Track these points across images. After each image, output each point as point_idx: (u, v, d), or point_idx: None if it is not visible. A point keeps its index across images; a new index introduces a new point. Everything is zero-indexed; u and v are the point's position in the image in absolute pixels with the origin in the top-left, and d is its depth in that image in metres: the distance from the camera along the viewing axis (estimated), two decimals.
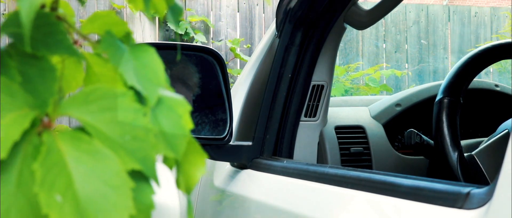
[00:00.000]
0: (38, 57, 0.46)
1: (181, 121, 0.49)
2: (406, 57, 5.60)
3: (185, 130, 0.49)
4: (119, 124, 0.45)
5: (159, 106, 0.49)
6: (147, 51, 0.50)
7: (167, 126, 0.48)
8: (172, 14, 0.53)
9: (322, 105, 1.49)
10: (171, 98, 0.49)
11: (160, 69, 0.49)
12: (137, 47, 0.50)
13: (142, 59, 0.49)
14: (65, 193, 0.42)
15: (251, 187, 1.34)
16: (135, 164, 0.45)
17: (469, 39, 5.77)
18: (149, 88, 0.48)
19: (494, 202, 0.67)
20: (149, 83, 0.48)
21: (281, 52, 1.44)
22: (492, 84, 1.86)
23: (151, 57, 0.50)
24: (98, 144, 0.44)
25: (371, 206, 0.91)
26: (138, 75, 0.48)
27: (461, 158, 1.36)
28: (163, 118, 0.48)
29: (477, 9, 5.88)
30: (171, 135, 0.48)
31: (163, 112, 0.48)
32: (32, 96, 0.45)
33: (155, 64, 0.49)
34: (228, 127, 1.33)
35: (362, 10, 1.45)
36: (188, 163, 0.52)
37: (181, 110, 0.49)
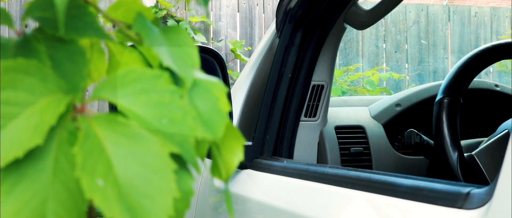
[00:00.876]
0: (66, 41, 0.45)
1: (218, 103, 0.47)
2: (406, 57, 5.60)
3: (223, 113, 0.47)
4: (155, 106, 0.43)
5: (195, 88, 0.47)
6: (180, 33, 0.49)
7: (204, 109, 0.47)
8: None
9: (322, 105, 1.49)
10: (206, 80, 0.48)
11: (194, 51, 0.48)
12: (169, 29, 0.49)
13: (175, 41, 0.48)
14: (106, 178, 0.40)
15: (251, 187, 1.34)
16: (174, 147, 0.43)
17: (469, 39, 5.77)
18: (184, 70, 0.47)
19: (494, 202, 0.67)
20: (184, 64, 0.47)
21: (281, 52, 1.44)
22: (492, 84, 1.86)
23: (184, 39, 0.48)
24: (136, 126, 0.42)
25: (371, 206, 0.91)
26: (173, 56, 0.47)
27: (461, 158, 1.36)
28: (200, 100, 0.47)
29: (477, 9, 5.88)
30: (209, 117, 0.47)
31: (199, 94, 0.47)
32: (64, 81, 0.43)
33: (188, 46, 0.48)
34: None
35: (362, 10, 1.45)
36: (226, 149, 0.50)
37: (218, 92, 0.47)
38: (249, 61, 1.56)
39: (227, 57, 4.66)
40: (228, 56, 4.67)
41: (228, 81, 1.35)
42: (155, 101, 0.43)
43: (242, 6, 4.78)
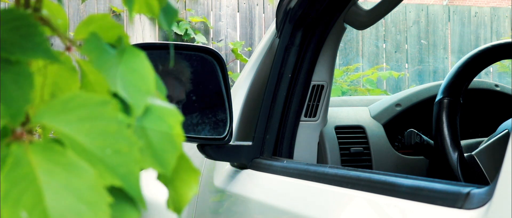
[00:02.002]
0: (13, 62, 0.42)
1: (171, 133, 0.44)
2: (406, 57, 5.60)
3: (176, 143, 0.44)
4: (100, 135, 0.41)
5: (147, 116, 0.44)
6: (137, 55, 0.45)
7: (155, 139, 0.44)
8: (165, 15, 0.49)
9: (322, 106, 1.49)
10: (161, 107, 0.45)
11: (150, 76, 0.45)
12: (126, 51, 0.46)
13: (130, 64, 0.45)
14: (33, 209, 0.38)
15: (251, 187, 1.34)
16: (116, 180, 0.40)
17: (469, 39, 5.77)
18: (135, 96, 0.44)
19: (494, 202, 0.67)
20: (136, 90, 0.44)
21: (281, 52, 1.44)
22: (492, 84, 1.86)
23: (141, 63, 0.45)
24: (73, 156, 0.40)
25: (371, 206, 0.91)
26: (125, 81, 0.44)
27: (461, 158, 1.36)
28: (152, 130, 0.44)
29: (477, 9, 5.88)
30: (160, 148, 0.44)
31: (151, 123, 0.44)
32: (4, 105, 0.40)
33: (144, 70, 0.45)
34: (228, 127, 1.33)
35: (362, 10, 1.45)
36: (179, 180, 0.47)
37: (172, 121, 0.44)
38: (249, 61, 1.56)
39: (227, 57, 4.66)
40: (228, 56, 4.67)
41: (228, 81, 1.35)
42: (99, 130, 0.41)
43: (242, 6, 4.78)
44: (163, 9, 0.49)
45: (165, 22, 0.49)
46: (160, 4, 0.48)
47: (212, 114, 1.35)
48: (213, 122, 1.35)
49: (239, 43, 4.57)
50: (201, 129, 1.35)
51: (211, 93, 1.36)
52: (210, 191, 1.55)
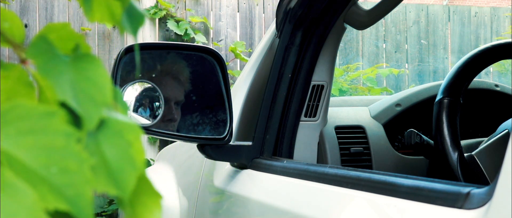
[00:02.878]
0: None
1: (130, 150, 0.39)
2: (406, 57, 5.60)
3: (135, 162, 0.39)
4: (44, 151, 0.36)
5: (103, 131, 0.39)
6: (93, 63, 0.41)
7: (111, 156, 0.39)
8: (129, 20, 0.44)
9: (322, 105, 1.49)
10: (119, 121, 0.40)
11: (106, 85, 0.40)
12: (81, 58, 0.41)
13: (84, 72, 0.40)
14: None
15: (251, 187, 1.34)
16: (62, 203, 0.35)
17: (469, 39, 5.77)
18: (88, 107, 0.39)
19: (494, 202, 0.67)
20: (90, 100, 0.39)
21: (281, 52, 1.43)
22: (492, 84, 1.86)
23: (97, 70, 0.40)
24: (9, 175, 0.35)
25: (371, 206, 0.91)
26: (77, 90, 0.39)
27: (461, 158, 1.36)
28: (108, 146, 0.39)
29: (477, 9, 5.88)
30: (116, 167, 0.39)
31: (108, 138, 0.39)
32: None
33: (101, 79, 0.40)
34: (228, 127, 1.33)
35: (362, 10, 1.45)
36: (139, 205, 0.41)
37: (131, 136, 0.39)
38: (249, 61, 1.56)
39: (227, 57, 4.66)
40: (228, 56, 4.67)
41: (228, 81, 1.35)
42: (43, 145, 0.36)
43: (242, 6, 4.78)
44: (126, 12, 0.44)
45: (130, 28, 0.44)
46: (122, 7, 0.43)
47: (212, 114, 1.35)
48: (213, 122, 1.35)
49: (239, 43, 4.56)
50: (201, 129, 1.35)
51: (211, 93, 1.36)
52: (210, 191, 1.55)
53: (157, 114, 1.32)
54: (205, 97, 1.37)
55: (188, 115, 1.34)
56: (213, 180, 1.52)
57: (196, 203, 1.62)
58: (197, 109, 1.36)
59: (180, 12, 4.58)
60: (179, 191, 1.84)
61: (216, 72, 1.35)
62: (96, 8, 0.42)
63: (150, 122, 1.31)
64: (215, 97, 1.35)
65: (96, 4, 0.42)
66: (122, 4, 0.43)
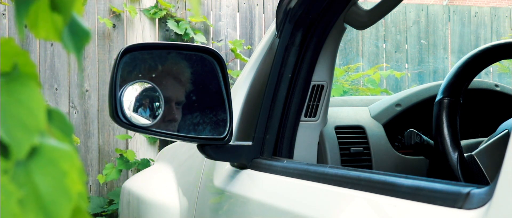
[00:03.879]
0: None
1: (65, 180, 0.36)
2: (406, 57, 5.60)
3: (70, 193, 0.36)
4: None
5: (35, 159, 0.36)
6: (27, 84, 0.37)
7: (44, 187, 0.36)
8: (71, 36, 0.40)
9: (322, 105, 1.49)
10: (53, 148, 0.37)
11: (40, 109, 0.37)
12: (16, 80, 0.37)
13: (16, 95, 0.37)
14: None
15: (251, 187, 1.34)
16: None
17: (469, 39, 5.77)
18: (18, 134, 0.36)
19: (494, 202, 0.67)
20: (21, 127, 0.36)
21: (281, 52, 1.44)
22: (492, 84, 1.86)
23: (31, 93, 0.37)
24: None
25: (371, 206, 0.91)
26: (6, 115, 0.36)
27: (461, 158, 1.35)
28: (40, 176, 0.36)
29: (477, 9, 5.88)
30: (49, 200, 0.36)
31: (40, 168, 0.36)
32: None
33: (34, 103, 0.37)
34: (228, 127, 1.33)
35: (362, 10, 1.45)
36: None
37: (67, 165, 0.37)
38: (249, 61, 1.56)
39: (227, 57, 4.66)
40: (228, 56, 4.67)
41: (228, 81, 1.35)
42: None
43: (242, 6, 4.78)
44: (69, 28, 0.40)
45: (72, 46, 0.40)
46: (64, 22, 0.40)
47: (212, 114, 1.35)
48: (213, 122, 1.35)
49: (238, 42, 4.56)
50: (201, 129, 1.35)
51: (211, 93, 1.36)
52: (210, 191, 1.55)
53: (157, 114, 1.32)
54: (205, 97, 1.37)
55: (188, 115, 1.34)
56: (213, 180, 1.52)
57: (196, 203, 1.62)
58: (197, 108, 1.36)
59: (180, 12, 4.58)
60: (179, 191, 1.84)
61: (216, 72, 1.35)
62: (41, 24, 0.40)
63: (150, 122, 1.31)
64: (215, 97, 1.35)
65: (41, 20, 0.40)
66: (64, 19, 0.40)
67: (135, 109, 1.31)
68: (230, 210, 1.41)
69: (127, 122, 1.29)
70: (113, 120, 1.28)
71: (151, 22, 4.51)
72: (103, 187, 4.34)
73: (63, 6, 0.39)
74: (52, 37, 0.40)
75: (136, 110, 1.31)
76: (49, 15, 0.39)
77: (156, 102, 1.32)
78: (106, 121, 4.32)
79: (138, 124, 1.31)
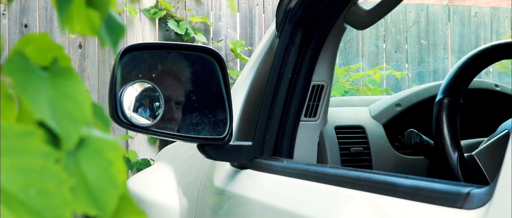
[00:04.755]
0: None
1: (111, 169, 0.38)
2: (406, 57, 5.60)
3: (116, 181, 0.38)
4: (21, 172, 0.35)
5: (83, 149, 0.38)
6: (72, 79, 0.39)
7: (92, 176, 0.37)
8: (108, 30, 0.42)
9: (322, 105, 1.49)
10: (99, 139, 0.39)
11: (86, 102, 0.38)
12: (59, 74, 0.39)
13: (63, 89, 0.38)
14: None
15: (251, 187, 1.34)
16: None
17: (469, 39, 5.77)
18: (67, 125, 0.37)
19: (494, 202, 0.67)
20: (68, 119, 0.37)
21: (281, 52, 1.44)
22: (492, 84, 1.86)
23: (76, 87, 0.39)
24: None
25: (371, 206, 0.91)
26: (55, 108, 0.37)
27: (462, 158, 1.35)
28: (88, 165, 0.38)
29: (477, 9, 5.88)
30: (97, 187, 0.37)
31: (88, 157, 0.38)
32: None
33: (80, 95, 0.38)
34: (228, 127, 1.33)
35: (362, 10, 1.45)
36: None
37: (112, 155, 0.38)
38: (249, 61, 1.56)
39: (227, 57, 4.66)
40: (228, 56, 4.67)
41: (228, 81, 1.35)
42: (21, 166, 0.35)
43: (242, 6, 4.78)
44: (105, 23, 0.42)
45: (109, 40, 0.42)
46: (101, 18, 0.41)
47: (212, 114, 1.35)
48: (213, 122, 1.35)
49: (238, 42, 4.56)
50: (201, 129, 1.35)
51: (211, 93, 1.36)
52: (210, 191, 1.55)
53: (157, 114, 1.32)
54: (205, 97, 1.37)
55: (188, 115, 1.34)
56: (213, 180, 1.52)
57: (196, 203, 1.62)
58: (197, 108, 1.36)
59: (180, 12, 4.58)
60: (179, 191, 1.84)
61: (216, 72, 1.35)
62: (76, 20, 0.41)
63: (150, 122, 1.31)
64: (215, 97, 1.35)
65: (76, 16, 0.41)
66: (101, 15, 0.41)
67: (135, 109, 1.31)
68: (230, 210, 1.41)
69: (127, 122, 1.29)
70: (113, 120, 1.28)
71: (151, 22, 4.51)
72: None
73: (100, 3, 0.41)
74: (86, 32, 0.42)
75: (136, 110, 1.31)
76: (84, 10, 0.41)
77: (156, 102, 1.32)
78: None
79: (138, 124, 1.31)
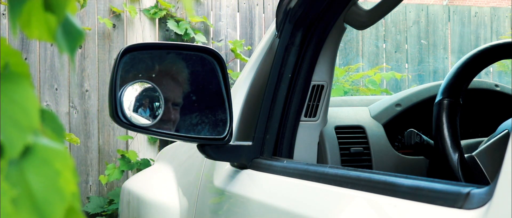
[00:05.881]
0: None
1: (58, 180, 0.36)
2: (406, 57, 5.60)
3: (63, 193, 0.36)
4: None
5: (28, 158, 0.36)
6: (21, 83, 0.37)
7: (37, 186, 0.36)
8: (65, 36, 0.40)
9: (322, 105, 1.49)
10: (47, 147, 0.37)
11: (34, 108, 0.37)
12: (9, 79, 0.37)
13: (10, 94, 0.37)
14: None
15: (251, 187, 1.34)
16: None
17: (469, 39, 5.77)
18: (11, 133, 0.36)
19: (494, 202, 0.67)
20: (14, 125, 0.36)
21: (281, 52, 1.44)
22: (492, 84, 1.86)
23: (24, 92, 0.37)
24: None
25: (371, 206, 0.91)
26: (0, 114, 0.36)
27: (462, 159, 1.35)
28: (33, 175, 0.36)
29: (477, 9, 5.88)
30: (42, 199, 0.36)
31: (33, 167, 0.36)
32: None
33: (27, 101, 0.37)
34: (228, 127, 1.33)
35: (362, 10, 1.45)
36: None
37: (61, 165, 0.37)
38: (249, 61, 1.56)
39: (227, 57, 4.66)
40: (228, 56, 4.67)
41: (228, 81, 1.35)
42: None
43: (242, 6, 4.78)
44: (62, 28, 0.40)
45: (66, 46, 0.40)
46: (58, 22, 0.40)
47: (212, 114, 1.35)
48: (213, 121, 1.35)
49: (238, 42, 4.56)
50: (201, 129, 1.35)
51: (211, 93, 1.36)
52: (210, 191, 1.55)
53: (157, 114, 1.32)
54: (205, 97, 1.37)
55: (188, 115, 1.34)
56: (213, 180, 1.52)
57: (196, 203, 1.62)
58: (197, 108, 1.36)
59: (180, 12, 4.58)
60: (179, 191, 1.84)
61: (216, 72, 1.35)
62: (34, 24, 0.39)
63: (150, 122, 1.31)
64: (215, 97, 1.35)
65: (34, 20, 0.39)
66: (57, 19, 0.39)
67: (135, 108, 1.31)
68: (230, 210, 1.41)
69: (127, 122, 1.29)
70: (113, 120, 1.28)
71: (151, 22, 4.51)
72: (103, 187, 4.34)
73: (57, 6, 0.39)
74: (45, 37, 0.40)
75: (136, 110, 1.31)
76: (42, 15, 0.39)
77: (156, 102, 1.32)
78: (106, 121, 4.32)
79: (138, 124, 1.31)
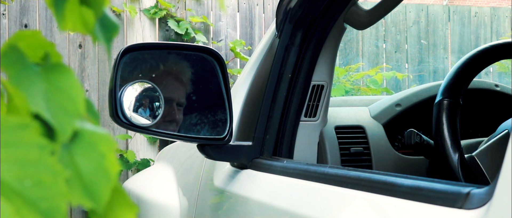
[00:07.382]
0: None
1: (104, 161, 0.39)
2: (406, 57, 5.60)
3: (109, 174, 0.39)
4: (17, 164, 0.35)
5: (76, 142, 0.39)
6: (65, 73, 0.40)
7: (85, 168, 0.38)
8: (102, 28, 0.43)
9: (322, 106, 1.49)
10: (92, 132, 0.39)
11: (79, 96, 0.39)
12: (53, 68, 0.40)
13: (56, 83, 0.39)
14: None
15: (251, 187, 1.34)
16: (36, 216, 0.35)
17: (469, 39, 5.77)
18: (61, 119, 0.38)
19: (494, 202, 0.67)
20: (63, 112, 0.38)
21: (281, 52, 1.44)
22: (492, 84, 1.86)
23: (69, 81, 0.40)
24: None
25: (371, 206, 0.91)
26: (49, 101, 0.38)
27: (462, 159, 1.35)
28: (81, 158, 0.38)
29: (477, 9, 5.88)
30: (90, 180, 0.38)
31: (81, 150, 0.39)
32: None
33: (73, 90, 0.39)
34: (228, 127, 1.33)
35: (362, 10, 1.44)
36: (114, 217, 0.41)
37: (105, 148, 0.39)
38: (249, 61, 1.56)
39: (227, 57, 4.66)
40: (228, 56, 4.67)
41: (228, 81, 1.35)
42: (17, 158, 0.35)
43: (242, 6, 4.78)
44: (99, 22, 0.43)
45: (103, 38, 0.43)
46: (95, 16, 0.42)
47: (212, 114, 1.35)
48: (213, 122, 1.35)
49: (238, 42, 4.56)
50: (201, 129, 1.35)
51: (211, 93, 1.36)
52: (210, 191, 1.55)
53: (157, 114, 1.32)
54: (205, 97, 1.37)
55: (188, 115, 1.34)
56: (213, 180, 1.52)
57: (196, 203, 1.62)
58: (197, 108, 1.36)
59: (180, 12, 4.58)
60: (179, 191, 1.84)
61: (216, 72, 1.35)
62: (68, 17, 0.41)
63: (150, 122, 1.31)
64: (215, 97, 1.35)
65: (69, 13, 0.41)
66: (95, 13, 0.42)
67: (135, 108, 1.31)
68: (230, 210, 1.41)
69: (127, 122, 1.29)
70: (113, 120, 1.28)
71: (151, 22, 4.51)
72: None
73: (94, 1, 0.42)
74: (79, 29, 0.42)
75: (136, 110, 1.31)
76: (77, 8, 0.41)
77: (156, 102, 1.32)
78: (106, 120, 4.32)
79: (138, 124, 1.31)
